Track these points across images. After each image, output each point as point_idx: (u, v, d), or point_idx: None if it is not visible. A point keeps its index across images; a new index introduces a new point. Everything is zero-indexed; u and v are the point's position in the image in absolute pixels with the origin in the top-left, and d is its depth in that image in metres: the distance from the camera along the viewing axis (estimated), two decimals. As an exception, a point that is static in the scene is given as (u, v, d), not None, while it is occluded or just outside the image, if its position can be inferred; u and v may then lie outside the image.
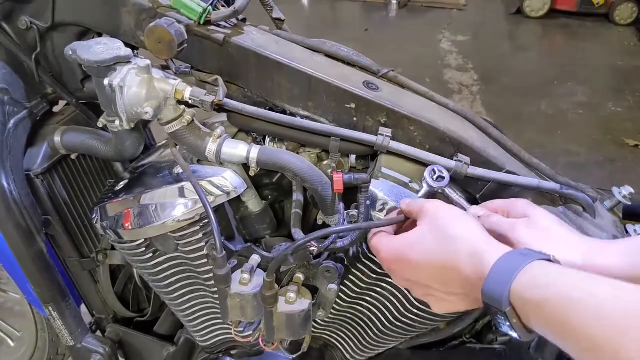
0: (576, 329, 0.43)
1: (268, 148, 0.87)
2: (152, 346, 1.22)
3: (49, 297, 1.02)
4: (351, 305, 0.95)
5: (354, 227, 0.76)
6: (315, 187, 0.82)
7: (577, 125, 3.51)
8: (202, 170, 0.86)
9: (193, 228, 0.86)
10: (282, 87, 0.87)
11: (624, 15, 5.33)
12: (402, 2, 6.02)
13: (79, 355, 1.13)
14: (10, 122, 0.93)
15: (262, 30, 0.95)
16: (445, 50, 4.78)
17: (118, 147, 0.86)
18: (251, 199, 0.94)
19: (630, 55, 4.72)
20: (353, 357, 1.05)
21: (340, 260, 0.87)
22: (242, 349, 1.10)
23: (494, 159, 0.84)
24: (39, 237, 0.98)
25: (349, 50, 0.98)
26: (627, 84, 4.11)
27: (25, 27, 0.91)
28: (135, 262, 0.95)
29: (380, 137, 0.82)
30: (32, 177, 0.99)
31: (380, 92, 0.86)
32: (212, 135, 0.83)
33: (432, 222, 0.61)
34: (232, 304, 0.78)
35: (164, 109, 0.80)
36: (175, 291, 0.98)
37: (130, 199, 0.88)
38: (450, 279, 0.57)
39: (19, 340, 1.50)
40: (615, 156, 3.15)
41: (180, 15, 0.84)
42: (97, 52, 0.74)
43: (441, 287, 0.59)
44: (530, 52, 4.95)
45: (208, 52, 0.87)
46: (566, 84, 4.08)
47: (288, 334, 0.80)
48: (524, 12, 5.59)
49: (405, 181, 0.83)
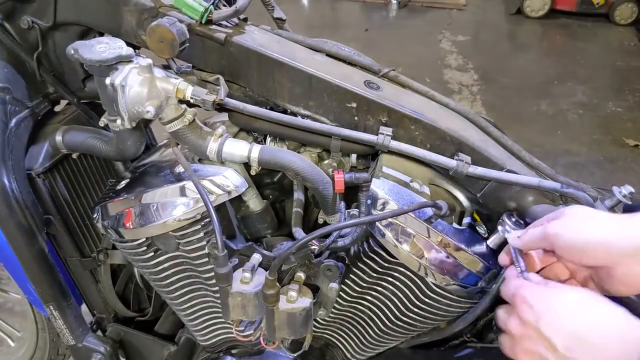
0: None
1: (269, 147, 0.87)
2: (153, 345, 1.22)
3: (50, 296, 1.02)
4: (352, 304, 0.95)
5: (356, 222, 0.76)
6: (316, 186, 0.83)
7: (577, 125, 3.52)
8: (204, 169, 0.86)
9: (194, 227, 0.86)
10: (283, 86, 0.87)
11: (624, 15, 5.34)
12: (402, 2, 6.03)
13: (79, 354, 1.13)
14: (12, 121, 0.93)
15: (264, 30, 0.96)
16: (445, 50, 4.78)
17: (119, 146, 0.86)
18: (252, 198, 0.94)
19: (630, 55, 4.73)
20: (354, 356, 1.05)
21: (341, 259, 0.87)
22: (243, 348, 1.10)
23: (494, 158, 0.84)
24: (40, 236, 0.98)
25: (350, 49, 0.98)
26: (627, 84, 4.11)
27: (27, 27, 0.91)
28: (136, 261, 0.95)
29: (381, 136, 0.82)
30: (33, 176, 1.00)
31: (381, 91, 0.86)
32: (214, 135, 0.83)
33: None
34: (234, 302, 0.78)
35: (165, 108, 0.80)
36: (176, 290, 0.98)
37: (132, 198, 0.88)
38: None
39: (20, 340, 1.50)
40: (615, 156, 3.15)
41: (182, 15, 0.84)
42: (98, 52, 0.74)
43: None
44: (530, 52, 4.96)
45: (209, 51, 0.87)
46: (566, 83, 4.09)
47: (289, 332, 0.80)
48: (524, 12, 5.60)
49: (406, 180, 0.83)
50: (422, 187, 0.83)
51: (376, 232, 0.80)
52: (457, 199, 0.87)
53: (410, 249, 0.78)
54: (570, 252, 0.60)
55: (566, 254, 0.61)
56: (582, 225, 0.59)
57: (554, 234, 0.60)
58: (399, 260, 0.81)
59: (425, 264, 0.78)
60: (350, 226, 0.78)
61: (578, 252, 0.59)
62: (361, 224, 0.79)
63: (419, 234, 0.78)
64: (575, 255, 0.60)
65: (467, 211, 0.87)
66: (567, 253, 0.61)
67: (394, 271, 0.85)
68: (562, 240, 0.60)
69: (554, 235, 0.60)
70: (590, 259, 0.58)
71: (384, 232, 0.78)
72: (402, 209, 0.74)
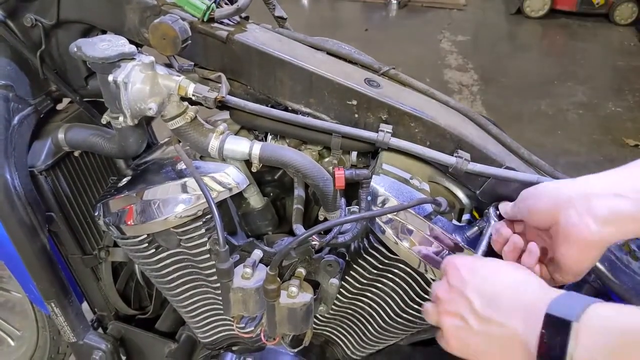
0: None
1: (270, 144, 0.88)
2: (154, 343, 1.23)
3: (52, 293, 1.03)
4: (352, 300, 0.96)
5: (356, 218, 0.77)
6: (316, 183, 0.83)
7: (577, 125, 3.52)
8: (205, 166, 0.87)
9: (195, 223, 0.86)
10: (284, 84, 0.87)
11: (624, 15, 5.34)
12: (402, 2, 6.03)
13: (80, 351, 1.14)
14: (14, 118, 0.94)
15: (265, 28, 0.96)
16: (445, 50, 4.79)
17: (121, 143, 0.87)
18: (253, 195, 0.95)
19: (630, 55, 4.73)
20: (354, 353, 1.06)
21: (341, 255, 0.87)
22: (243, 344, 1.11)
23: (493, 155, 0.84)
24: (42, 234, 0.99)
25: (350, 48, 0.99)
26: (627, 84, 4.11)
27: (30, 25, 0.92)
28: (137, 258, 0.96)
29: (381, 133, 0.83)
30: (35, 173, 1.00)
31: (382, 89, 0.87)
32: (215, 132, 0.84)
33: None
34: (235, 298, 0.78)
35: (167, 105, 0.80)
36: (177, 287, 0.99)
37: (133, 195, 0.89)
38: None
39: (20, 340, 1.50)
40: (615, 156, 3.15)
41: (184, 12, 0.85)
42: (101, 49, 0.74)
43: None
44: (530, 52, 4.96)
45: (211, 49, 0.88)
46: (566, 83, 4.09)
47: (290, 328, 0.81)
48: (524, 12, 5.60)
49: (406, 177, 0.83)
50: (421, 184, 0.84)
51: (376, 229, 0.80)
52: (457, 196, 0.88)
53: (410, 245, 0.78)
54: (525, 210, 0.67)
55: (523, 212, 0.67)
56: (539, 185, 0.67)
57: (520, 197, 0.68)
58: (399, 256, 0.81)
59: (425, 260, 0.79)
60: (350, 221, 0.79)
61: (531, 207, 0.65)
62: (361, 220, 0.79)
63: (418, 230, 0.78)
64: (529, 210, 0.66)
65: (467, 208, 0.88)
66: (523, 211, 0.67)
67: (394, 267, 0.86)
68: (521, 200, 0.68)
69: (519, 198, 0.68)
70: (542, 210, 0.63)
71: (384, 228, 0.79)
72: (402, 205, 0.75)
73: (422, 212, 0.80)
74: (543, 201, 0.63)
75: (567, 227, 0.59)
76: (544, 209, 0.63)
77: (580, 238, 0.58)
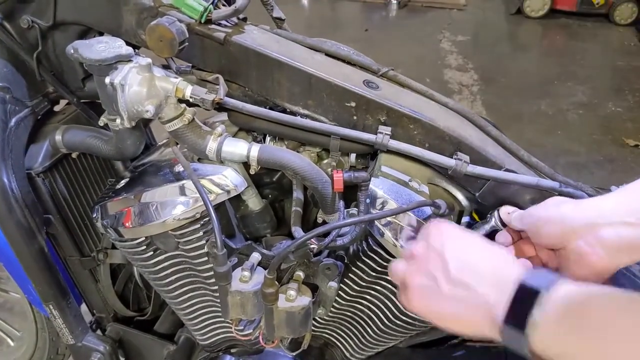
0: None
1: (268, 146, 0.88)
2: (152, 345, 1.22)
3: (50, 295, 1.03)
4: (351, 303, 0.95)
5: (355, 221, 0.77)
6: (315, 185, 0.83)
7: (577, 125, 3.52)
8: (203, 168, 0.86)
9: (193, 226, 0.86)
10: (282, 85, 0.87)
11: (624, 15, 5.33)
12: (402, 2, 6.03)
13: (79, 353, 1.14)
14: (11, 120, 0.93)
15: (263, 30, 0.96)
16: (445, 50, 4.78)
17: (119, 145, 0.87)
18: (251, 197, 0.94)
19: (630, 55, 4.72)
20: (353, 355, 1.05)
21: (340, 257, 0.87)
22: (242, 347, 1.10)
23: (493, 158, 0.84)
24: (40, 236, 0.98)
25: (349, 49, 0.98)
26: (627, 84, 4.11)
27: (26, 26, 0.91)
28: (135, 260, 0.95)
29: (380, 135, 0.82)
30: (33, 175, 1.00)
31: (380, 90, 0.86)
32: (213, 134, 0.83)
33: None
34: (233, 301, 0.78)
35: (164, 107, 0.80)
36: (176, 289, 0.98)
37: (131, 198, 0.89)
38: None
39: (19, 340, 1.50)
40: (615, 156, 3.15)
41: (181, 14, 0.85)
42: (98, 51, 0.74)
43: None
44: (530, 52, 4.96)
45: (209, 51, 0.87)
46: (566, 83, 4.08)
47: (288, 331, 0.80)
48: (524, 12, 5.59)
49: (405, 179, 0.83)
50: (421, 186, 0.83)
51: (375, 231, 0.80)
52: (456, 198, 0.88)
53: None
54: (532, 230, 0.67)
55: (530, 232, 0.68)
56: (546, 206, 0.67)
57: (527, 214, 0.69)
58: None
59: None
60: (349, 224, 0.79)
61: (539, 229, 0.65)
62: (360, 222, 0.79)
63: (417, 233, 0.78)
64: (536, 232, 0.66)
65: (466, 210, 0.87)
66: (531, 231, 0.67)
67: (393, 270, 0.85)
68: (528, 217, 0.68)
69: (527, 214, 0.69)
70: (550, 235, 0.64)
71: (383, 231, 0.79)
72: (401, 207, 0.74)
73: (421, 214, 0.79)
74: (550, 227, 0.64)
75: (579, 255, 0.60)
76: (552, 235, 0.64)
77: (592, 265, 0.59)
